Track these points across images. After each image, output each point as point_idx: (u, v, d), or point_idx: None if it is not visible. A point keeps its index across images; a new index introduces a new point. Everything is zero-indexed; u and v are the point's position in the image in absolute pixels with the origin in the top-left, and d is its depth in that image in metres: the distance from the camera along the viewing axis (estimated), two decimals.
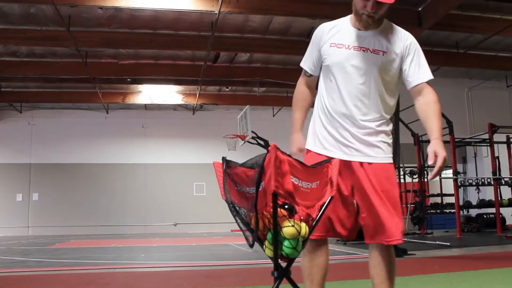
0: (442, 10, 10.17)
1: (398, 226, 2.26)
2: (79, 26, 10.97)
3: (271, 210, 1.76)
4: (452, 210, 12.87)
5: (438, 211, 14.34)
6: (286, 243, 1.82)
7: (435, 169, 2.17)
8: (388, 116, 2.41)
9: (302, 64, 2.54)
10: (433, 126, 2.32)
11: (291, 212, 1.88)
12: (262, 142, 13.19)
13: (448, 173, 16.05)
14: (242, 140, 13.82)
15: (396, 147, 8.09)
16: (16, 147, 18.16)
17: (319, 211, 1.89)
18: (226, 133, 14.52)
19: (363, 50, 2.29)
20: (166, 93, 16.73)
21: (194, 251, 9.13)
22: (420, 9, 10.77)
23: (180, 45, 12.04)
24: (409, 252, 7.06)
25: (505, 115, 15.12)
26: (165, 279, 5.00)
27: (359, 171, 2.27)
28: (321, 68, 2.45)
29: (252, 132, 13.01)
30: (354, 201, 2.30)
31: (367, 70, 2.29)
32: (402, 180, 13.89)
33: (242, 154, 16.79)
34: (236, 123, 14.67)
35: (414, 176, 12.85)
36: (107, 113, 18.55)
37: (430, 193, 14.72)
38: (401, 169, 12.70)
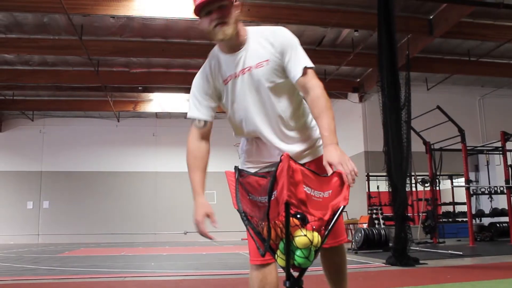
0: (454, 18, 10.15)
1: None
2: (91, 35, 11.09)
3: (283, 219, 1.74)
4: (465, 219, 12.74)
5: (450, 219, 14.21)
6: (298, 252, 1.79)
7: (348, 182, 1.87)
8: (302, 124, 2.33)
9: (192, 115, 2.41)
10: (322, 129, 2.07)
11: (303, 222, 1.86)
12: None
13: (460, 181, 15.92)
14: None
15: (407, 155, 8.05)
16: (28, 155, 18.32)
17: (331, 220, 1.87)
18: (236, 142, 14.51)
19: (248, 70, 2.21)
20: (177, 102, 16.80)
21: (204, 260, 9.10)
22: (431, 17, 10.75)
23: (192, 53, 12.09)
24: (421, 261, 7.00)
25: None
26: None
27: None
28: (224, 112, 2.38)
29: None
30: None
31: (258, 86, 2.21)
32: (413, 189, 13.79)
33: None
34: None
35: (426, 185, 12.74)
36: (118, 121, 18.65)
37: (442, 202, 14.60)
38: (412, 177, 12.61)
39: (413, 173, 11.85)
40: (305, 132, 2.33)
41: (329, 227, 1.88)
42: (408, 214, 10.69)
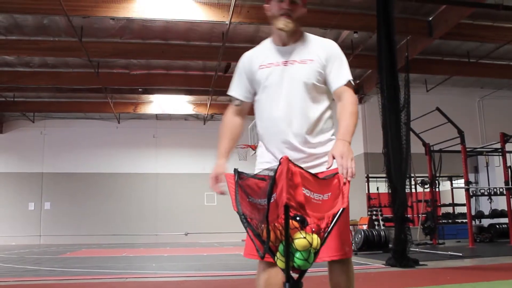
0: (453, 19, 10.17)
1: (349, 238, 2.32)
2: (91, 37, 11.11)
3: (283, 222, 1.77)
4: (464, 220, 12.75)
5: (450, 221, 14.22)
6: (297, 254, 1.82)
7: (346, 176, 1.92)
8: (327, 127, 2.37)
9: (231, 93, 2.52)
10: (340, 126, 2.20)
11: (303, 224, 1.88)
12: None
13: (460, 182, 15.93)
14: (253, 150, 13.84)
15: (407, 157, 8.08)
16: (29, 157, 18.34)
17: (331, 223, 1.89)
18: (237, 144, 14.53)
19: (291, 63, 2.33)
20: (177, 103, 16.83)
21: (205, 261, 9.12)
22: (430, 18, 10.77)
23: (191, 55, 12.13)
24: (421, 263, 7.02)
25: None
26: None
27: None
28: (255, 94, 2.44)
29: None
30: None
31: (299, 82, 2.30)
32: (413, 190, 13.81)
33: (253, 164, 16.88)
34: (247, 133, 14.70)
35: (426, 186, 12.76)
36: (119, 122, 18.68)
37: (441, 203, 14.61)
38: (412, 179, 12.64)
39: (412, 175, 11.88)
40: (321, 145, 2.34)
41: (329, 229, 1.91)
42: (408, 216, 10.73)
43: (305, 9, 2.40)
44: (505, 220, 12.19)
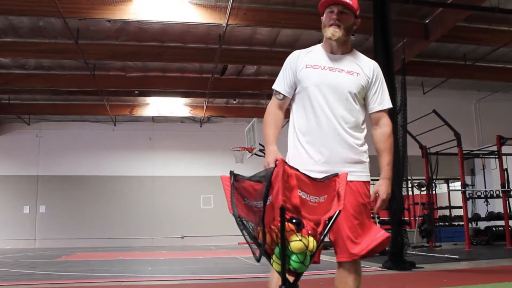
0: (450, 22, 10.19)
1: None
2: (87, 39, 11.07)
3: (279, 224, 1.75)
4: (461, 223, 12.76)
5: (447, 223, 14.23)
6: (293, 257, 1.80)
7: (374, 210, 2.38)
8: (362, 135, 2.48)
9: (275, 87, 2.60)
10: (383, 164, 2.46)
11: (299, 226, 1.86)
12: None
13: (457, 185, 15.96)
14: (250, 152, 13.83)
15: (403, 159, 8.08)
16: (24, 159, 18.25)
17: (326, 225, 1.88)
18: (233, 145, 14.54)
19: (338, 71, 2.43)
20: (174, 106, 16.80)
21: (201, 264, 9.09)
22: (427, 21, 10.79)
23: (188, 57, 12.10)
24: (417, 265, 7.01)
25: None
26: None
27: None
28: (295, 90, 2.54)
29: (260, 144, 13.01)
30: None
31: (343, 90, 2.40)
32: (410, 193, 13.81)
33: (249, 167, 16.86)
34: (244, 135, 14.68)
35: (422, 189, 12.77)
36: (115, 125, 18.62)
37: (438, 206, 14.62)
38: (409, 181, 12.64)
39: (409, 177, 11.88)
40: (356, 151, 2.45)
41: (325, 232, 1.89)
42: (405, 218, 10.71)
43: (357, 20, 2.48)
44: (502, 222, 12.20)
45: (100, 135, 18.64)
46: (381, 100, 2.48)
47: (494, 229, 12.77)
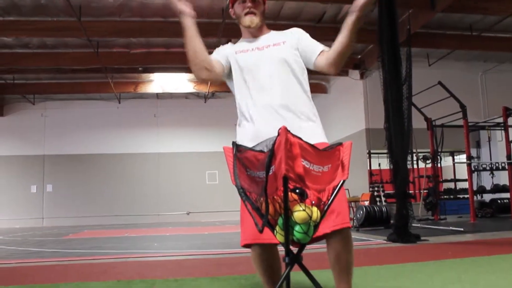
0: None
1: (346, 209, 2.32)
2: (90, 16, 10.96)
3: (282, 194, 1.73)
4: (466, 196, 12.75)
5: (452, 196, 14.23)
6: (297, 228, 1.79)
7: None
8: (304, 104, 2.50)
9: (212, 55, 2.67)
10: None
11: (302, 196, 1.85)
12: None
13: (462, 158, 15.90)
14: None
15: (408, 132, 8.04)
16: (30, 139, 18.32)
17: (331, 195, 1.86)
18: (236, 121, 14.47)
19: (266, 47, 2.54)
20: (178, 82, 16.72)
21: (207, 240, 9.16)
22: None
23: None
24: (422, 238, 7.03)
25: None
26: (177, 268, 5.02)
27: None
28: (228, 72, 2.62)
29: None
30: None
31: (277, 63, 2.48)
32: (415, 166, 13.78)
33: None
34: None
35: (427, 162, 12.74)
36: (119, 102, 18.59)
37: (443, 179, 14.60)
38: (414, 154, 12.60)
39: (414, 150, 11.85)
40: (306, 120, 2.46)
41: (329, 202, 1.87)
42: (410, 191, 10.73)
43: (265, 5, 2.64)
44: (507, 195, 12.20)
45: (105, 113, 18.64)
46: (313, 48, 2.50)
47: (499, 201, 12.77)
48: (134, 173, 18.73)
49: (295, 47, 2.53)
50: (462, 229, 8.33)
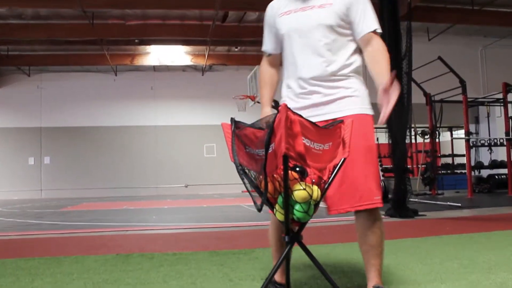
0: None
1: (372, 188, 2.17)
2: None
3: (282, 173, 1.69)
4: (463, 171, 12.78)
5: (449, 171, 14.26)
6: (297, 207, 1.75)
7: (388, 110, 2.06)
8: (351, 70, 2.30)
9: (264, 48, 2.57)
10: (383, 68, 2.19)
11: (303, 175, 1.81)
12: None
13: (460, 133, 15.89)
14: (252, 100, 13.68)
15: (408, 107, 7.99)
16: (26, 111, 18.22)
17: (331, 173, 1.82)
18: (236, 94, 14.37)
19: (310, 8, 2.29)
20: (175, 54, 16.56)
21: (205, 213, 9.18)
22: None
23: (188, 4, 11.79)
24: (420, 213, 7.05)
25: None
26: (175, 241, 5.03)
27: None
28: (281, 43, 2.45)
29: None
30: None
31: (318, 26, 2.26)
32: (413, 141, 13.76)
33: (252, 115, 16.68)
34: (246, 83, 14.51)
35: (426, 137, 12.72)
36: (116, 75, 18.44)
37: (441, 154, 14.62)
38: (412, 129, 12.57)
39: (413, 125, 11.81)
40: (344, 89, 2.30)
41: (329, 180, 1.84)
42: (408, 166, 10.71)
43: None
44: (505, 170, 12.23)
45: (101, 85, 18.50)
46: (364, 23, 2.26)
47: (496, 177, 12.81)
48: (132, 146, 18.71)
49: (343, 13, 2.25)
50: (459, 204, 8.36)
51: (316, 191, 1.76)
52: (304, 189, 1.72)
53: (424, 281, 2.79)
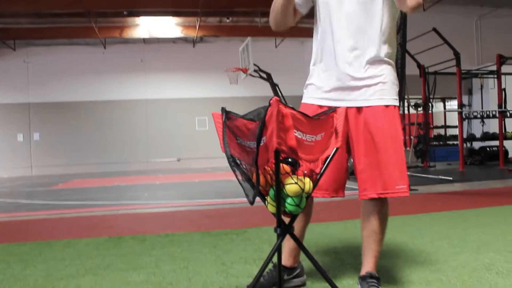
0: None
1: (395, 177, 2.11)
2: None
3: (273, 166, 1.64)
4: (456, 142, 12.81)
5: (441, 143, 14.31)
6: (289, 200, 1.71)
7: None
8: (385, 53, 2.14)
9: None
10: None
11: (294, 167, 1.75)
12: (264, 75, 12.93)
13: (453, 104, 15.88)
14: (244, 73, 13.52)
15: (402, 79, 7.93)
16: (13, 86, 17.91)
17: (323, 164, 1.77)
18: (228, 65, 14.19)
19: None
20: (165, 26, 16.27)
21: (197, 188, 9.18)
22: None
23: None
24: (412, 188, 7.06)
25: None
26: (168, 221, 5.01)
27: (356, 118, 2.10)
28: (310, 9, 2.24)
29: (254, 65, 12.69)
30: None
31: (356, 1, 2.07)
32: (406, 112, 13.75)
33: (244, 87, 16.54)
34: (238, 55, 14.32)
35: (419, 109, 12.71)
36: (105, 48, 18.13)
37: (434, 125, 14.65)
38: (405, 100, 12.54)
39: (406, 96, 11.77)
40: (381, 73, 2.14)
41: (321, 171, 1.79)
42: None
43: None
44: (496, 143, 12.27)
45: (90, 59, 18.20)
46: None
47: (488, 149, 12.87)
48: (123, 120, 18.55)
49: None
50: (451, 178, 8.41)
51: (308, 184, 1.71)
52: (296, 183, 1.67)
53: (414, 263, 2.82)
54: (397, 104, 2.17)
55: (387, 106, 2.11)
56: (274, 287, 2.18)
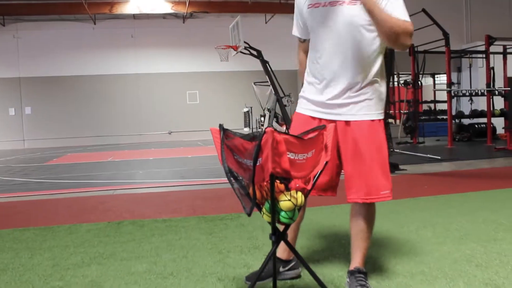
0: None
1: (378, 184, 2.27)
2: None
3: (269, 185, 1.80)
4: (445, 117, 12.96)
5: (431, 117, 14.50)
6: (283, 213, 1.87)
7: None
8: (372, 74, 2.30)
9: (293, 33, 2.52)
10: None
11: (288, 181, 1.92)
12: (254, 52, 12.94)
13: (443, 79, 16.03)
14: (235, 50, 13.52)
15: (391, 56, 8.08)
16: (3, 61, 17.80)
17: (313, 178, 1.93)
18: (217, 41, 14.17)
19: (339, 4, 2.20)
20: (155, 2, 16.13)
21: (190, 166, 9.31)
22: None
23: None
24: (400, 167, 7.26)
25: (504, 23, 14.77)
26: (164, 204, 5.17)
27: (345, 130, 2.27)
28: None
29: (245, 42, 12.69)
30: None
31: (346, 24, 2.20)
32: (396, 85, 13.89)
33: (235, 64, 16.52)
34: (228, 31, 14.29)
35: (408, 86, 12.85)
36: (95, 23, 17.98)
37: (423, 100, 14.80)
38: (395, 75, 12.67)
39: (395, 72, 11.87)
40: (363, 94, 2.29)
41: (313, 183, 1.95)
42: (390, 111, 10.88)
43: None
44: (484, 120, 12.48)
45: (80, 34, 18.07)
46: (393, 11, 2.12)
47: (476, 126, 13.09)
48: (114, 94, 18.56)
49: None
50: (439, 157, 8.62)
51: (300, 198, 1.88)
52: (289, 200, 1.84)
53: (399, 253, 2.97)
54: (382, 117, 2.35)
55: (372, 120, 2.28)
56: (271, 278, 2.37)
